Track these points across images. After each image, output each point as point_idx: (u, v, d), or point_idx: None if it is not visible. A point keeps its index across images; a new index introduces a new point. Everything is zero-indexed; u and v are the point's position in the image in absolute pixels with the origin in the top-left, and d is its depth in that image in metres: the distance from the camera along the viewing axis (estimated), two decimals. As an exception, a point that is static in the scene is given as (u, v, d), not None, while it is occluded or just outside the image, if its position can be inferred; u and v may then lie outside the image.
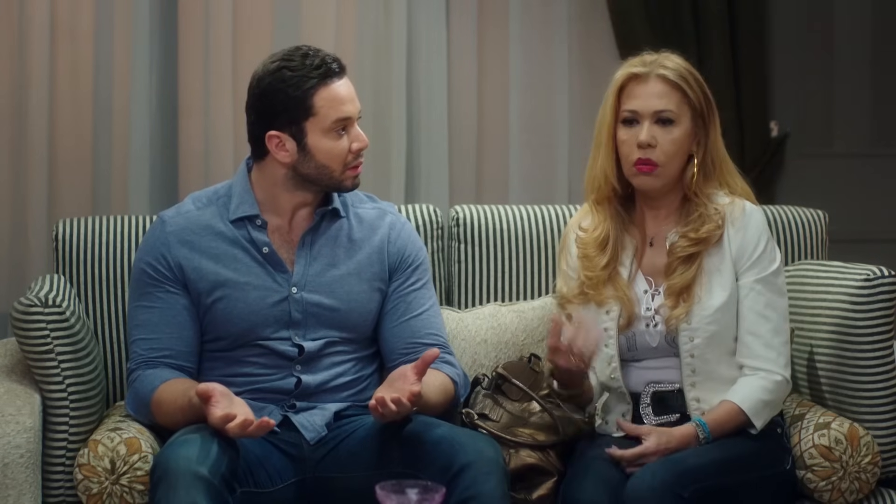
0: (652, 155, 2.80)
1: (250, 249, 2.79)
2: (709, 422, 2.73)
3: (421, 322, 2.85)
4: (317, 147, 2.73)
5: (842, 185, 4.47)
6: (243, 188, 2.81)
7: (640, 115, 2.81)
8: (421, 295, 2.88)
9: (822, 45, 4.52)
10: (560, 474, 2.83)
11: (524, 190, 4.22)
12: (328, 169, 2.75)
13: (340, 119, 2.73)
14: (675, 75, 2.81)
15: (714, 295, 2.79)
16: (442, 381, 2.79)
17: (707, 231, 2.81)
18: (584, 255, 2.87)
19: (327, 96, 2.71)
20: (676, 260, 2.81)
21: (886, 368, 2.90)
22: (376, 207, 2.92)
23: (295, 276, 2.79)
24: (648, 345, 2.83)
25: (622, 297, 2.82)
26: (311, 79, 2.70)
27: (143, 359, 2.76)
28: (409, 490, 2.14)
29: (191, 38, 4.04)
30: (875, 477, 2.85)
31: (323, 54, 2.74)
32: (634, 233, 2.89)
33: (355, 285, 2.83)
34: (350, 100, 2.74)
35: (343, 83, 2.74)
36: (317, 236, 2.82)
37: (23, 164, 3.96)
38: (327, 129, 2.72)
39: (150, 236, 2.83)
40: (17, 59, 3.97)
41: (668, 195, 2.87)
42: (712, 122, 2.85)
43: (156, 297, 2.78)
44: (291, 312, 2.78)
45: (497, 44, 4.23)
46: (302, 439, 2.74)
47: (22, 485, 2.71)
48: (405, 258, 2.88)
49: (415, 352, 2.75)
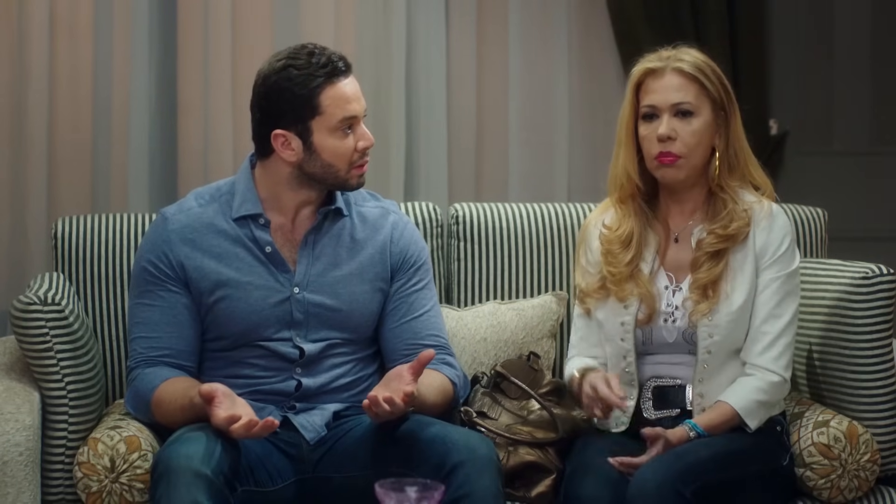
0: (672, 147, 2.79)
1: (253, 248, 2.78)
2: (703, 424, 2.72)
3: (422, 323, 2.85)
4: (323, 146, 2.73)
5: (841, 184, 4.47)
6: (246, 186, 2.80)
7: (659, 109, 2.81)
8: (422, 296, 2.87)
9: (822, 43, 4.51)
10: (559, 472, 2.84)
11: (523, 188, 4.21)
12: (334, 168, 2.74)
13: (347, 118, 2.72)
14: (691, 67, 2.81)
15: (738, 293, 2.79)
16: (441, 382, 2.78)
17: (736, 228, 2.80)
18: (608, 251, 2.87)
19: (334, 95, 2.71)
20: (704, 255, 2.81)
21: (885, 366, 2.90)
22: (379, 206, 2.91)
23: (297, 275, 2.78)
24: (665, 340, 2.82)
25: (644, 292, 2.82)
26: (317, 77, 2.70)
27: (142, 357, 2.76)
28: (408, 488, 2.14)
29: (190, 36, 4.04)
30: (874, 475, 2.85)
31: (329, 53, 2.73)
32: (658, 229, 2.88)
33: (357, 286, 2.82)
34: (356, 98, 2.74)
35: (349, 82, 2.73)
36: (319, 235, 2.81)
37: (22, 162, 3.96)
38: (333, 127, 2.72)
39: (152, 233, 2.82)
40: (17, 56, 3.96)
41: (693, 189, 2.86)
42: (733, 113, 2.84)
43: (157, 296, 2.77)
44: (293, 312, 2.77)
45: (496, 41, 4.23)
46: (301, 439, 2.74)
47: (21, 483, 2.71)
48: (407, 258, 2.87)
49: (415, 353, 2.73)
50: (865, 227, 4.41)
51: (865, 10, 4.52)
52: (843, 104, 4.51)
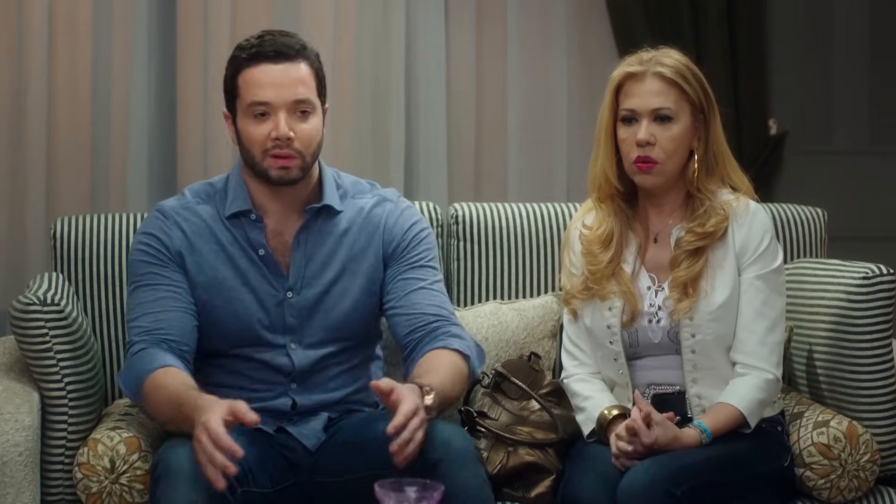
0: (651, 153, 2.80)
1: (247, 250, 2.75)
2: (710, 427, 2.71)
3: (420, 295, 2.77)
4: (241, 129, 2.71)
5: (840, 183, 4.47)
6: (237, 182, 2.78)
7: (639, 114, 2.81)
8: (421, 273, 2.80)
9: (821, 42, 4.51)
10: (559, 472, 2.84)
11: (523, 188, 4.22)
12: (251, 154, 2.70)
13: (256, 102, 2.66)
14: (672, 72, 2.81)
15: (718, 291, 2.79)
16: (450, 364, 2.67)
17: (714, 224, 2.80)
18: (588, 251, 2.87)
19: (249, 78, 2.68)
20: (683, 254, 2.81)
21: (885, 366, 2.90)
22: (376, 195, 2.85)
23: (290, 279, 2.75)
24: (651, 341, 2.82)
25: (626, 291, 2.82)
26: (240, 59, 2.70)
27: (145, 331, 2.66)
28: (408, 488, 2.14)
29: (189, 34, 4.04)
30: (874, 475, 2.85)
31: (272, 39, 2.69)
32: (638, 229, 2.89)
33: (351, 283, 2.78)
34: (274, 85, 2.66)
35: (275, 68, 2.66)
36: (311, 235, 2.77)
37: (21, 161, 3.96)
38: (245, 111, 2.69)
39: (150, 223, 2.77)
40: (16, 55, 3.96)
41: (671, 191, 2.87)
42: (712, 116, 2.84)
43: (159, 276, 2.71)
44: (286, 317, 2.74)
45: (495, 42, 4.23)
46: (299, 443, 2.71)
47: (21, 483, 2.71)
48: (401, 241, 2.80)
49: (419, 328, 2.70)
50: (865, 227, 4.41)
51: (865, 10, 4.51)
52: (842, 104, 4.51)
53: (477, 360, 2.76)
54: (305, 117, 2.70)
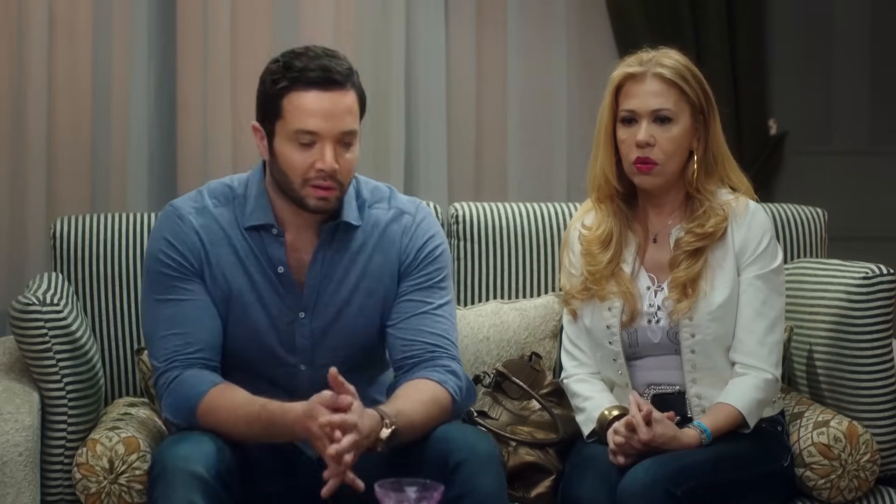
0: (651, 154, 2.80)
1: (264, 264, 2.67)
2: (710, 427, 2.71)
3: (423, 320, 2.69)
4: (280, 151, 2.60)
5: (841, 183, 4.46)
6: (259, 191, 2.68)
7: (638, 115, 2.81)
8: (429, 294, 2.71)
9: (821, 42, 4.51)
10: (559, 472, 2.84)
11: (523, 187, 4.22)
12: (288, 179, 2.60)
13: (303, 130, 2.56)
14: (671, 73, 2.80)
15: (717, 291, 2.79)
16: (430, 396, 2.59)
17: (713, 225, 2.80)
18: (588, 251, 2.87)
19: (298, 103, 2.57)
20: (682, 254, 2.81)
21: (885, 366, 2.90)
22: (394, 207, 2.75)
23: (305, 299, 2.67)
24: (650, 341, 2.82)
25: (625, 292, 2.82)
26: (283, 80, 2.58)
27: (177, 357, 2.60)
28: (407, 488, 2.14)
29: (189, 35, 4.04)
30: (874, 475, 2.85)
31: (319, 62, 2.58)
32: (637, 229, 2.89)
33: (365, 300, 2.70)
34: (324, 115, 2.56)
35: (325, 96, 2.57)
36: (329, 252, 2.68)
37: (21, 161, 3.96)
38: (289, 136, 2.58)
39: (169, 227, 2.68)
40: (16, 56, 3.96)
41: (671, 192, 2.86)
42: (712, 117, 2.84)
43: (184, 290, 2.63)
44: (297, 337, 2.68)
45: (496, 41, 4.23)
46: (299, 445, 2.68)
47: (20, 483, 2.71)
48: (413, 259, 2.72)
49: (412, 356, 2.64)
50: (865, 227, 4.41)
51: (865, 11, 4.51)
52: (842, 103, 4.51)
53: (464, 400, 2.68)
54: (349, 147, 2.62)
